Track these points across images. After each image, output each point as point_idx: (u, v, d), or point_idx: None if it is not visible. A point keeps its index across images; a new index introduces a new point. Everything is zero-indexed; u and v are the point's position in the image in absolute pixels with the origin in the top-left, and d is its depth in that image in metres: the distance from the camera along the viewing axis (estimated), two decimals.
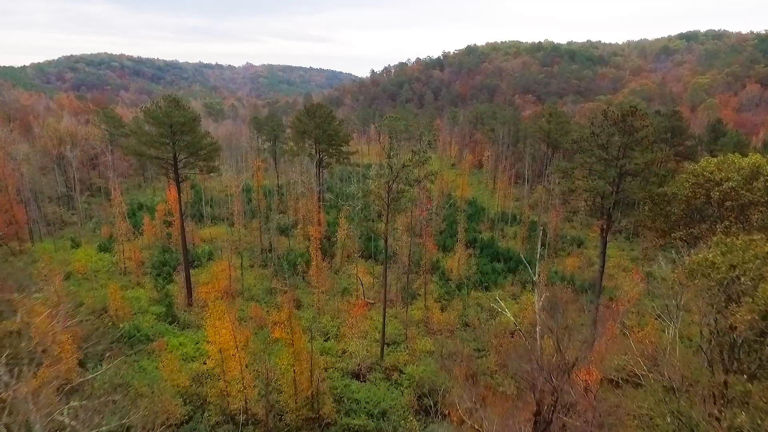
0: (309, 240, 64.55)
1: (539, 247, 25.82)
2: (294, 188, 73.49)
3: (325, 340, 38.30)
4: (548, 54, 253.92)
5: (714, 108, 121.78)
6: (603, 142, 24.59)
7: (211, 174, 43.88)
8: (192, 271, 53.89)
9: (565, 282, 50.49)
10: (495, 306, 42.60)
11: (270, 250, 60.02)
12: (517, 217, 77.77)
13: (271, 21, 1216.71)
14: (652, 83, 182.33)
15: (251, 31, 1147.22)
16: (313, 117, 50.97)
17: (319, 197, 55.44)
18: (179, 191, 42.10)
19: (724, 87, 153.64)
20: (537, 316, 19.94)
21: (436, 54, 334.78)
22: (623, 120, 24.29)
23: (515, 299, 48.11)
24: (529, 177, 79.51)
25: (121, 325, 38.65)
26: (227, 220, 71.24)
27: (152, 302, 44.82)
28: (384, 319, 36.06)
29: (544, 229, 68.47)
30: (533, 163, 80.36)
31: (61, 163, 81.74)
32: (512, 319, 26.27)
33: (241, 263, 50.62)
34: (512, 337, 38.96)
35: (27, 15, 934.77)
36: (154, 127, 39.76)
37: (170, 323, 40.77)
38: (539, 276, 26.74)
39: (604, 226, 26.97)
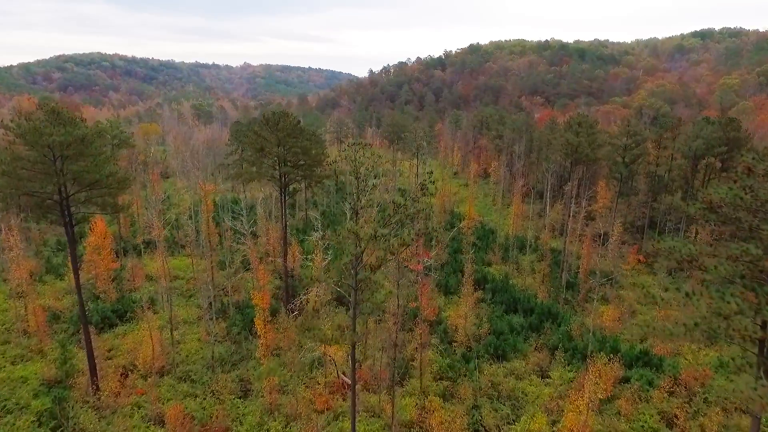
0: (280, 277, 52.73)
1: None
2: (263, 211, 61.33)
3: None
4: (556, 53, 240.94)
5: (748, 111, 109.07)
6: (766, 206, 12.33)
7: (116, 214, 31.44)
8: (118, 329, 41.82)
9: (607, 347, 38.11)
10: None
11: (226, 293, 47.84)
12: (533, 242, 65.27)
13: (270, 21, 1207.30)
14: (670, 83, 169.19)
15: (250, 31, 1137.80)
16: (275, 130, 38.58)
17: (284, 229, 43.03)
18: (72, 239, 29.71)
19: (756, 88, 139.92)
20: None
21: (437, 54, 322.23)
22: None
23: (543, 377, 35.67)
24: (547, 194, 67.01)
25: None
26: (186, 248, 58.96)
27: (43, 387, 32.44)
28: None
29: (568, 262, 56.19)
30: (548, 177, 67.89)
31: None
32: None
33: (171, 329, 38.06)
34: None
35: (26, 15, 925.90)
36: (31, 150, 27.48)
37: (53, 430, 28.41)
38: None
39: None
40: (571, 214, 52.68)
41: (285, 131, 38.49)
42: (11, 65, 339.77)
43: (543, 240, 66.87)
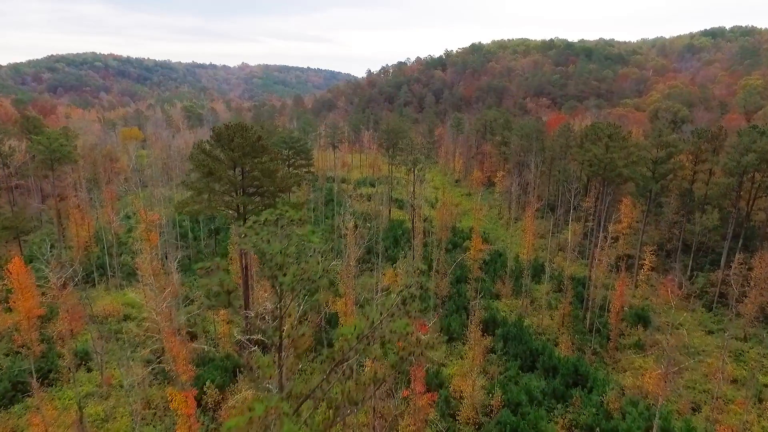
0: (256, 318, 44.12)
1: None
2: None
3: None
4: (561, 52, 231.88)
5: None
6: None
7: None
8: (33, 399, 33.14)
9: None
10: None
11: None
12: (547, 266, 56.35)
13: (269, 21, 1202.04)
14: (684, 84, 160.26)
15: (248, 31, 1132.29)
16: (229, 147, 30.01)
17: (245, 273, 34.45)
18: None
19: None
20: None
21: (437, 54, 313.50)
22: None
23: None
24: (570, 216, 58.24)
25: None
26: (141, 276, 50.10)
27: None
28: None
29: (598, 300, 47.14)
30: (570, 195, 59.20)
31: None
32: None
33: (81, 415, 29.34)
34: None
35: (24, 15, 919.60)
36: None
37: None
38: None
39: None
40: (597, 243, 43.92)
41: (242, 150, 29.88)
42: (0, 65, 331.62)
43: (559, 264, 58.32)
